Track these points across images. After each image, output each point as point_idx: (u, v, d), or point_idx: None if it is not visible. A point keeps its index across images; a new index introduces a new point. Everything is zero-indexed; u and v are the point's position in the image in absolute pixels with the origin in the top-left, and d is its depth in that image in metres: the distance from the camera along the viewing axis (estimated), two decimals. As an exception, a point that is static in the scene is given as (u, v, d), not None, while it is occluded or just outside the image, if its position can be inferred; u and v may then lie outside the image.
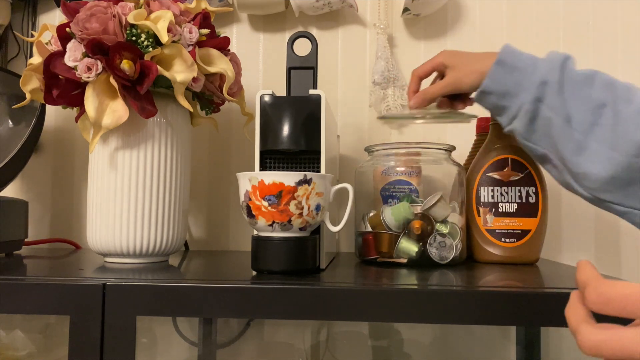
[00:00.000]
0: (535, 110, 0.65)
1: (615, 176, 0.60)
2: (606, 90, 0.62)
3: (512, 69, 0.66)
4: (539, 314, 0.53)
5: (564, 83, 0.64)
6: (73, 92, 0.70)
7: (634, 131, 0.59)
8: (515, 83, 0.66)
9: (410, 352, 1.01)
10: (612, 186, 0.61)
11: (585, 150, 0.62)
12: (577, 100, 0.63)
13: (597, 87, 0.63)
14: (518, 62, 0.66)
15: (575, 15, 1.03)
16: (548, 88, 0.64)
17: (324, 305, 0.54)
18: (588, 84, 0.63)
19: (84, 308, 0.55)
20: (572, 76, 0.64)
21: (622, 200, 0.61)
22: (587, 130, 0.62)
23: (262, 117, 0.69)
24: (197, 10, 0.75)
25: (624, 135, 0.60)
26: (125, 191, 0.71)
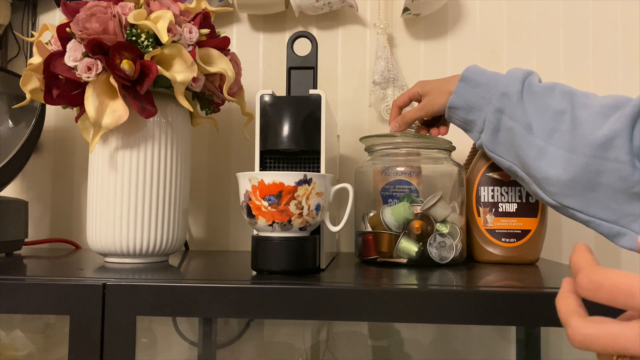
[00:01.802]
0: (497, 121, 0.68)
1: (575, 178, 0.61)
2: (565, 98, 0.64)
3: (475, 84, 0.70)
4: (539, 314, 0.53)
5: (524, 93, 0.66)
6: (73, 92, 0.69)
7: (590, 132, 0.60)
8: (479, 97, 0.70)
9: (410, 352, 1.01)
10: (573, 190, 0.61)
11: (546, 155, 0.63)
12: (537, 109, 0.65)
13: (556, 97, 0.65)
14: (481, 78, 0.70)
15: (575, 15, 1.03)
16: (508, 99, 0.67)
17: (324, 305, 0.54)
18: (548, 94, 0.66)
19: (84, 308, 0.55)
20: (533, 87, 0.67)
21: (583, 208, 0.62)
22: (547, 136, 0.64)
23: (262, 117, 0.69)
24: (197, 10, 0.75)
25: (582, 137, 0.61)
26: (125, 191, 0.71)
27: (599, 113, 0.61)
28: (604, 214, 0.60)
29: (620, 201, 0.59)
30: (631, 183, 0.58)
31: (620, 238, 0.60)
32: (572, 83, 1.02)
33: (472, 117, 0.71)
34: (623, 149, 0.58)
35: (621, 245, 0.60)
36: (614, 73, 1.02)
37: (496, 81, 0.69)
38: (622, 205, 0.59)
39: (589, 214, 0.62)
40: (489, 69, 0.72)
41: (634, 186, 0.58)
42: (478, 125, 0.71)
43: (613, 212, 0.60)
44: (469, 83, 0.71)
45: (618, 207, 0.59)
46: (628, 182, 0.58)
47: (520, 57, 1.03)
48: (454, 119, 0.74)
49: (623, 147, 0.58)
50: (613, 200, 0.59)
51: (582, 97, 0.64)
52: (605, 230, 0.61)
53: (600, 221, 0.61)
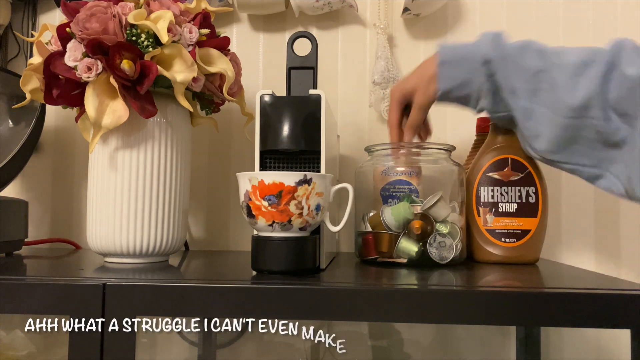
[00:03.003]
0: (493, 84, 0.71)
1: (558, 136, 0.67)
2: (540, 57, 0.68)
3: (455, 63, 0.73)
4: (539, 314, 0.53)
5: (503, 57, 0.70)
6: (73, 92, 0.69)
7: (568, 96, 0.65)
8: (465, 72, 0.72)
9: (410, 352, 1.01)
10: (557, 146, 0.67)
11: (532, 115, 0.68)
12: (515, 72, 0.69)
13: (531, 55, 0.69)
14: (457, 54, 0.73)
15: (575, 15, 1.03)
16: (492, 64, 0.70)
17: (324, 305, 0.54)
18: (522, 54, 0.69)
19: (84, 308, 0.55)
20: (507, 51, 0.70)
21: (568, 159, 0.68)
22: (531, 96, 0.68)
23: (262, 117, 0.69)
24: (197, 10, 0.75)
25: (561, 100, 0.66)
26: (125, 191, 0.71)
27: (573, 74, 0.66)
28: (585, 160, 0.67)
29: (598, 149, 0.65)
30: (607, 134, 0.64)
31: (599, 180, 0.67)
32: (572, 83, 1.02)
33: (465, 91, 0.73)
34: (598, 108, 0.63)
35: (600, 186, 0.67)
36: (614, 73, 1.02)
37: (472, 53, 0.72)
38: (600, 152, 0.65)
39: (572, 163, 0.68)
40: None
41: (609, 136, 0.64)
42: (473, 96, 0.73)
43: (593, 158, 0.66)
44: (449, 64, 0.73)
45: (597, 154, 0.66)
46: (604, 134, 0.64)
47: (520, 57, 1.03)
48: (448, 101, 0.75)
49: (598, 105, 0.63)
50: (592, 149, 0.66)
51: (555, 56, 0.68)
52: (586, 175, 0.68)
53: (582, 167, 0.68)
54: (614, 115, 0.63)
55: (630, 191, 0.63)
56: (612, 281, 0.69)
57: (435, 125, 1.03)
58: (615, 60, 0.63)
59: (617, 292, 0.54)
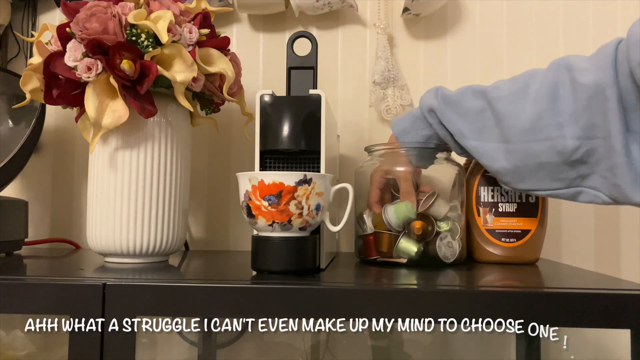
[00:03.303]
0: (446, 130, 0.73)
1: (518, 165, 0.66)
2: (478, 97, 0.69)
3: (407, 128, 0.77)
4: (539, 314, 0.53)
5: (445, 104, 0.72)
6: (73, 92, 0.69)
7: (515, 121, 0.65)
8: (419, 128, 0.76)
9: (410, 352, 1.01)
10: (521, 175, 0.67)
11: (485, 153, 0.68)
12: (459, 115, 0.70)
13: (470, 99, 0.69)
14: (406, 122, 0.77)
15: (575, 15, 1.03)
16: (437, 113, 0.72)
17: (324, 305, 0.54)
18: (462, 99, 0.70)
19: (84, 308, 0.55)
20: (448, 98, 0.72)
21: (538, 186, 0.67)
22: (478, 135, 0.68)
23: (262, 117, 0.69)
24: (197, 10, 0.74)
25: (509, 127, 0.65)
26: (125, 191, 0.71)
27: (514, 99, 0.65)
28: (557, 184, 0.65)
29: (565, 171, 0.64)
30: (568, 154, 0.62)
31: (578, 197, 0.65)
32: (572, 83, 1.02)
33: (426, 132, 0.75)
34: (550, 126, 0.62)
35: (583, 202, 0.65)
36: (614, 73, 1.02)
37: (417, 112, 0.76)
38: (568, 173, 0.64)
39: (545, 189, 0.66)
40: (489, 69, 0.73)
41: (571, 155, 0.62)
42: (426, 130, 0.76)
43: (563, 181, 0.65)
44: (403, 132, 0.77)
45: (565, 176, 0.64)
46: (564, 154, 0.62)
47: (520, 57, 1.03)
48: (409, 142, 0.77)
49: (549, 124, 0.62)
50: (558, 172, 0.64)
51: (493, 91, 0.68)
52: (564, 196, 0.66)
53: (557, 191, 0.66)
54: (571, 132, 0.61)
55: (622, 198, 0.60)
56: (612, 281, 0.69)
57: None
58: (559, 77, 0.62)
59: (617, 292, 0.54)
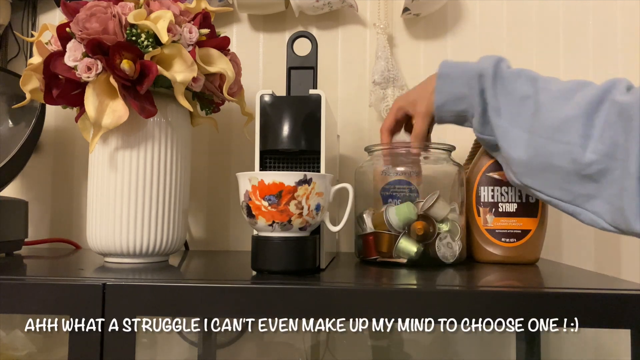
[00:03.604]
0: (482, 102, 0.70)
1: (531, 159, 0.64)
2: (530, 84, 0.67)
3: (453, 77, 0.72)
4: (539, 314, 0.53)
5: (496, 77, 0.69)
6: (73, 92, 0.69)
7: (548, 116, 0.63)
8: (461, 86, 0.71)
9: (410, 352, 1.01)
10: (531, 170, 0.65)
11: (508, 136, 0.67)
12: (504, 94, 0.68)
13: (522, 82, 0.68)
14: (456, 70, 0.72)
15: (575, 15, 1.03)
16: (485, 80, 0.69)
17: (324, 305, 0.54)
18: (514, 80, 0.68)
19: (84, 308, 0.55)
20: (502, 73, 0.69)
21: (542, 188, 0.65)
22: (511, 118, 0.67)
23: (262, 117, 0.69)
24: (197, 10, 0.74)
25: (542, 120, 0.64)
26: (125, 191, 0.71)
27: (559, 97, 0.64)
28: (560, 194, 0.64)
29: (573, 182, 0.62)
30: (582, 165, 0.60)
31: (577, 215, 0.63)
32: (572, 83, 1.02)
33: (462, 106, 0.72)
34: (576, 133, 0.61)
35: (582, 221, 0.63)
36: (613, 73, 1.02)
37: (471, 68, 0.71)
38: (575, 186, 0.62)
39: (547, 194, 0.65)
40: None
41: (584, 168, 0.60)
42: (469, 112, 0.72)
43: (567, 192, 0.63)
44: (447, 78, 0.72)
45: (571, 188, 0.62)
46: (578, 164, 0.60)
47: (520, 57, 1.03)
48: (445, 117, 0.74)
49: (577, 131, 0.61)
50: (567, 182, 0.62)
51: (545, 82, 0.67)
52: (563, 209, 0.65)
53: (557, 201, 0.64)
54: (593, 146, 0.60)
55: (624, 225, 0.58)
56: (612, 281, 0.69)
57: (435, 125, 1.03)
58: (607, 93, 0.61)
59: (617, 292, 0.54)
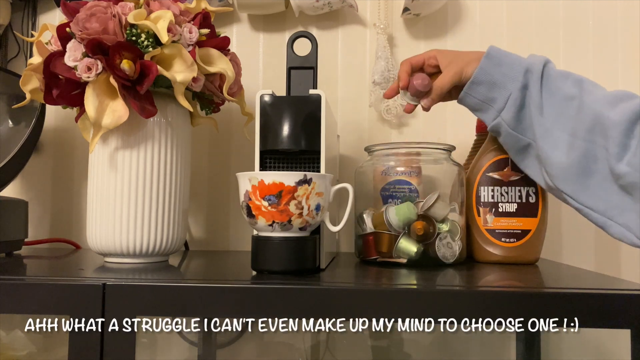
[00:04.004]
0: (522, 97, 0.69)
1: (573, 162, 0.63)
2: (576, 86, 0.66)
3: (499, 63, 0.71)
4: (539, 313, 0.53)
5: (544, 75, 0.68)
6: (73, 92, 0.69)
7: (591, 119, 0.62)
8: (503, 74, 0.70)
9: (410, 352, 1.01)
10: (570, 174, 0.63)
11: (549, 137, 0.66)
12: (549, 93, 0.67)
13: (568, 83, 0.67)
14: (505, 58, 0.71)
15: (575, 15, 1.03)
16: (532, 76, 0.68)
17: (324, 305, 0.54)
18: (561, 80, 0.68)
19: (84, 308, 0.55)
20: (550, 72, 0.69)
21: (575, 194, 0.64)
22: (554, 119, 0.66)
23: (262, 117, 0.69)
24: (197, 10, 0.74)
25: (584, 121, 0.63)
26: (125, 191, 0.71)
27: (603, 101, 0.63)
28: (593, 202, 0.62)
29: (610, 191, 0.61)
30: (615, 175, 0.59)
31: (608, 229, 0.62)
32: (572, 83, 1.02)
33: (494, 94, 0.70)
34: (615, 140, 0.59)
35: (611, 235, 0.62)
36: (614, 73, 1.02)
37: (519, 61, 0.70)
38: (611, 196, 0.60)
39: (580, 202, 0.64)
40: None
41: (617, 179, 0.59)
42: (498, 103, 0.70)
43: (602, 201, 0.62)
44: (493, 60, 0.71)
45: (607, 197, 0.61)
46: (614, 173, 0.60)
47: (520, 57, 1.03)
48: (470, 97, 0.72)
49: (616, 138, 0.59)
50: (603, 190, 0.61)
51: (591, 85, 0.66)
52: (594, 220, 0.63)
53: (589, 210, 0.63)
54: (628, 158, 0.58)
55: None
56: (612, 281, 0.69)
57: (436, 125, 1.03)
58: None
59: (617, 292, 0.54)
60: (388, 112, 1.00)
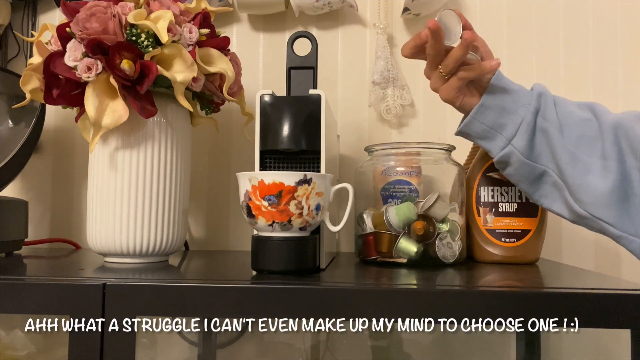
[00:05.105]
0: (534, 122, 0.65)
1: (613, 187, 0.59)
2: (585, 108, 0.66)
3: (506, 90, 0.67)
4: (539, 314, 0.53)
5: (555, 98, 0.67)
6: (73, 92, 0.69)
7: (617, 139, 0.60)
8: (513, 101, 0.67)
9: (410, 352, 1.01)
10: (609, 200, 0.59)
11: (578, 161, 0.62)
12: (564, 114, 0.65)
13: (577, 107, 0.66)
14: (512, 85, 0.68)
15: (575, 15, 1.03)
16: (544, 100, 0.66)
17: (324, 305, 0.54)
18: (570, 103, 0.67)
19: (84, 308, 0.55)
20: (557, 97, 0.68)
21: (617, 221, 0.59)
22: (577, 142, 0.63)
23: (262, 117, 0.69)
24: (197, 10, 0.75)
25: (610, 143, 0.60)
26: (125, 191, 0.71)
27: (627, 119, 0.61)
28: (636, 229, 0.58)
29: None
30: None
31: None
32: (572, 83, 1.02)
33: (504, 120, 0.66)
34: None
35: None
36: (614, 73, 1.02)
37: (527, 89, 0.68)
38: None
39: (621, 229, 0.59)
40: None
41: None
42: (508, 130, 0.66)
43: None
44: (499, 87, 0.67)
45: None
46: None
47: (520, 57, 1.03)
48: (477, 123, 0.67)
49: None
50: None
51: (599, 106, 0.65)
52: (636, 248, 0.59)
53: (632, 237, 0.59)
54: None
55: None
56: (612, 281, 0.69)
57: (435, 125, 1.03)
58: None
59: (617, 292, 0.54)
60: (388, 112, 1.00)
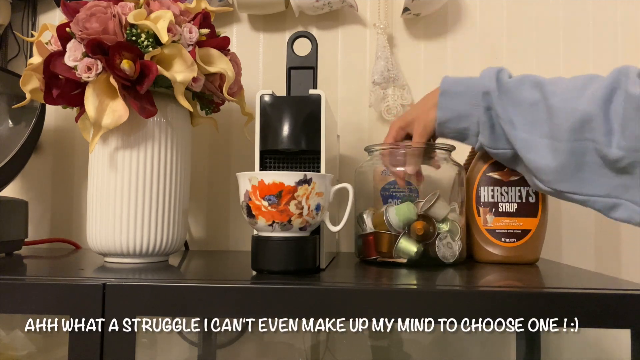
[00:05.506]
0: (489, 118, 0.70)
1: (563, 164, 0.63)
2: (535, 88, 0.67)
3: (456, 94, 0.72)
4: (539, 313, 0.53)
5: (501, 91, 0.69)
6: (73, 92, 0.69)
7: (566, 119, 0.63)
8: (464, 104, 0.72)
9: (410, 352, 1.01)
10: (563, 175, 0.64)
11: (532, 146, 0.66)
12: (513, 104, 0.68)
13: (527, 89, 0.68)
14: (459, 87, 0.72)
15: (575, 15, 1.03)
16: (491, 96, 0.69)
17: (324, 305, 0.54)
18: (518, 88, 0.68)
19: (84, 308, 0.55)
20: (504, 84, 0.69)
21: (577, 189, 0.64)
22: (529, 128, 0.66)
23: (262, 117, 0.69)
24: (197, 10, 0.75)
25: (559, 124, 0.63)
26: (125, 191, 0.71)
27: (569, 97, 0.64)
28: (596, 190, 0.62)
29: (607, 175, 0.61)
30: (611, 161, 0.60)
31: (615, 210, 0.62)
32: (572, 83, 1.02)
33: (464, 124, 0.72)
34: (599, 131, 0.60)
35: (617, 218, 0.62)
36: (614, 73, 1.02)
37: (474, 85, 0.71)
38: (610, 180, 0.61)
39: (583, 194, 0.63)
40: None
41: (614, 163, 0.60)
42: (472, 129, 0.72)
43: (603, 187, 0.62)
44: (449, 95, 0.72)
45: (607, 182, 0.61)
46: (608, 159, 0.60)
47: (520, 57, 1.03)
48: (446, 133, 0.74)
49: (599, 129, 0.60)
50: (600, 176, 0.62)
51: (551, 85, 0.67)
52: (601, 206, 0.63)
53: (595, 198, 0.63)
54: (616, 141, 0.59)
55: None
56: (612, 281, 0.69)
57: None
58: (617, 83, 0.60)
59: (617, 292, 0.54)
60: (388, 112, 1.00)
